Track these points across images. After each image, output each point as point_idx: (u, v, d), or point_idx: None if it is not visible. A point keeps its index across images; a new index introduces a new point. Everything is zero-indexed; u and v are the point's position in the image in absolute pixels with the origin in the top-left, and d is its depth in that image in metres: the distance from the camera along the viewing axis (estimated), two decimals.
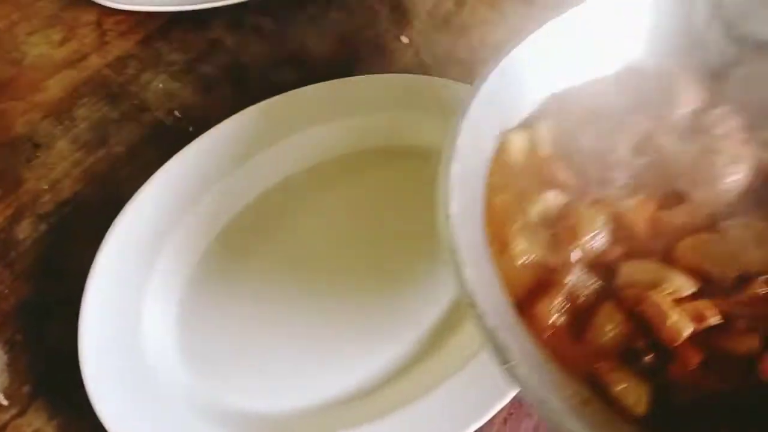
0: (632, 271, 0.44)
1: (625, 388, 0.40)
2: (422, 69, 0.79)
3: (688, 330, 0.41)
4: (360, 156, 0.71)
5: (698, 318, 0.41)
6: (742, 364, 0.40)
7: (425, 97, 0.72)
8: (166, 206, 0.66)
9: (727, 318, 0.41)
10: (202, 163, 0.69)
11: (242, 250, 0.66)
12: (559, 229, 0.46)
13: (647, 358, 0.42)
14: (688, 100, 0.50)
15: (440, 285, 0.62)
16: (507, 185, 0.47)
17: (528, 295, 0.44)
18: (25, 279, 0.66)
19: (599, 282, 0.44)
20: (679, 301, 0.42)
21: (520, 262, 0.44)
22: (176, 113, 0.78)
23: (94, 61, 0.83)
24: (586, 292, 0.44)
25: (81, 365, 0.56)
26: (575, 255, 0.45)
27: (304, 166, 0.71)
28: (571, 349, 0.42)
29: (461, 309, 0.40)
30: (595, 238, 0.45)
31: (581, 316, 0.43)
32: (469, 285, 0.39)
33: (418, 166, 0.67)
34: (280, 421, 0.57)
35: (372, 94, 0.74)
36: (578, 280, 0.44)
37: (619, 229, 0.45)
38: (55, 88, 0.81)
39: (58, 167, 0.74)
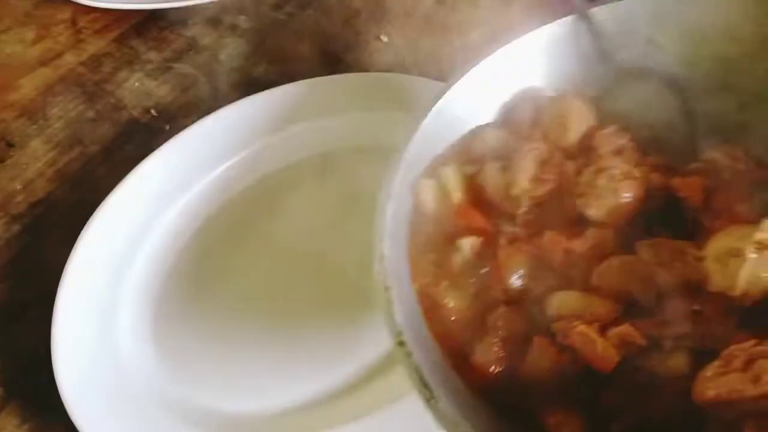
0: (557, 304, 0.44)
1: (560, 422, 0.40)
2: (402, 68, 0.79)
3: (615, 357, 0.41)
4: (336, 155, 0.70)
5: (624, 343, 0.41)
6: (677, 386, 0.40)
7: (403, 97, 0.72)
8: (142, 206, 0.65)
9: (654, 340, 0.41)
10: (178, 163, 0.68)
11: (218, 251, 0.65)
12: (483, 274, 0.46)
13: (582, 388, 0.41)
14: (579, 122, 0.51)
15: None
16: (426, 236, 0.47)
17: (464, 346, 0.43)
18: None
19: (529, 319, 0.44)
20: (605, 327, 0.42)
21: (453, 318, 0.44)
22: (153, 112, 0.77)
23: (69, 60, 0.82)
24: (519, 330, 0.43)
25: (54, 368, 0.55)
26: (502, 297, 0.45)
27: (282, 165, 0.70)
28: (508, 387, 0.42)
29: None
30: (518, 277, 0.45)
31: (516, 355, 0.43)
32: (398, 324, 0.40)
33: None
34: (248, 421, 0.56)
35: (351, 92, 0.73)
36: (508, 321, 0.44)
37: (538, 264, 0.45)
38: (28, 86, 0.80)
39: (32, 167, 0.73)
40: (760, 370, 0.37)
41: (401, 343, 0.39)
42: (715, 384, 0.38)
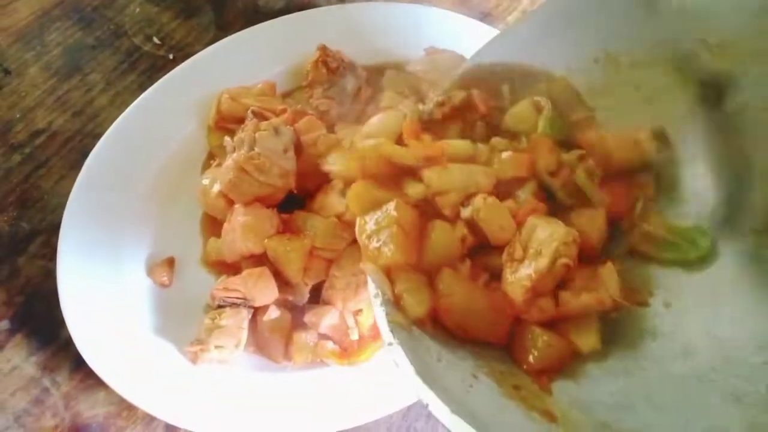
0: (436, 179, 0.46)
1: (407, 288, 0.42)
2: None
3: (514, 227, 0.45)
4: None
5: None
6: None
7: (416, 28, 0.69)
8: (145, 136, 0.63)
9: None
10: (183, 93, 0.65)
11: None
12: None
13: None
14: None
15: None
16: None
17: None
18: None
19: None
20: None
21: None
22: (155, 39, 0.74)
23: None
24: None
25: (60, 301, 0.54)
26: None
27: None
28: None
29: None
30: None
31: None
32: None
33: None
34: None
35: (364, 22, 0.70)
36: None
37: None
38: (24, 10, 0.76)
39: (31, 95, 0.70)
40: (535, 245, 0.43)
41: (377, 296, 0.42)
42: (519, 283, 0.43)
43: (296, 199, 0.58)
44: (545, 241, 0.43)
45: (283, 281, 0.55)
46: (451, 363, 0.40)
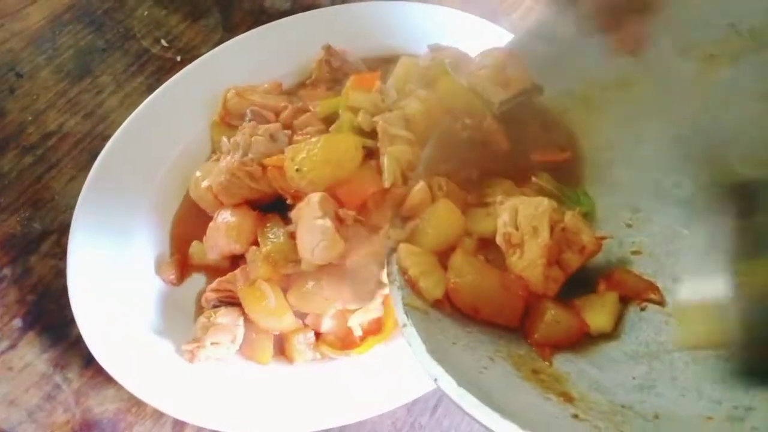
0: None
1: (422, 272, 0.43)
2: None
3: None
4: None
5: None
6: None
7: (420, 26, 0.70)
8: (153, 137, 0.63)
9: None
10: (190, 94, 0.66)
11: None
12: None
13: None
14: None
15: None
16: None
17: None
18: (11, 212, 0.64)
19: None
20: None
21: None
22: (163, 42, 0.75)
23: None
24: None
25: (71, 300, 0.55)
26: None
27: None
28: None
29: None
30: None
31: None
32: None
33: None
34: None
35: (369, 21, 0.71)
36: None
37: None
38: (36, 15, 0.78)
39: (42, 97, 0.71)
40: (527, 224, 0.44)
41: (393, 280, 0.43)
42: (533, 264, 0.43)
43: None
44: (535, 216, 0.44)
45: None
46: (467, 346, 0.40)
